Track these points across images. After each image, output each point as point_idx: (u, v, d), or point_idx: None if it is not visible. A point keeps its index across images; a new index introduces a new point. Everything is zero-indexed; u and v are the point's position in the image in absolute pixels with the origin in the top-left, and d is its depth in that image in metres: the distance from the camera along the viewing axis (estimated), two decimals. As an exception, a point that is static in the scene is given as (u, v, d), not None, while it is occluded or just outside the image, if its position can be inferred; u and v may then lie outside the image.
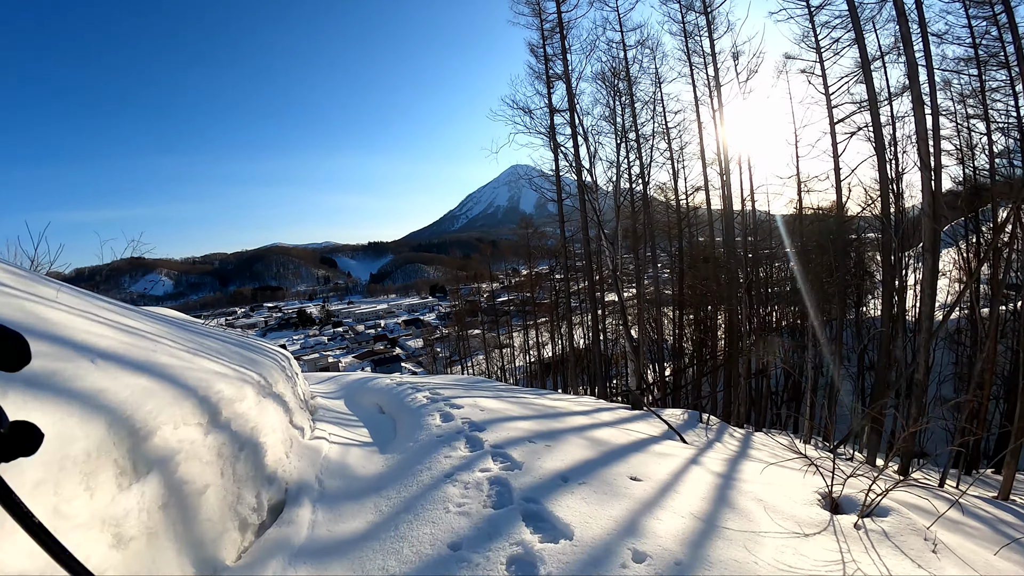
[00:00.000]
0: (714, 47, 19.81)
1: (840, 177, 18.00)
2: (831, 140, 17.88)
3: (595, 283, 20.51)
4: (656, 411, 7.98)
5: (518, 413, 5.60)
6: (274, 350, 6.60)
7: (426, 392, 6.73)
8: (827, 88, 17.84)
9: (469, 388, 7.55)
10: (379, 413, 7.05)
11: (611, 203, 19.07)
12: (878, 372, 16.69)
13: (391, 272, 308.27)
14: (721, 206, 21.16)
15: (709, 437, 7.87)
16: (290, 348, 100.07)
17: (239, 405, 3.36)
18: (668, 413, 9.26)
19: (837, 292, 22.36)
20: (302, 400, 5.98)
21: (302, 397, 6.23)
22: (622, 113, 21.77)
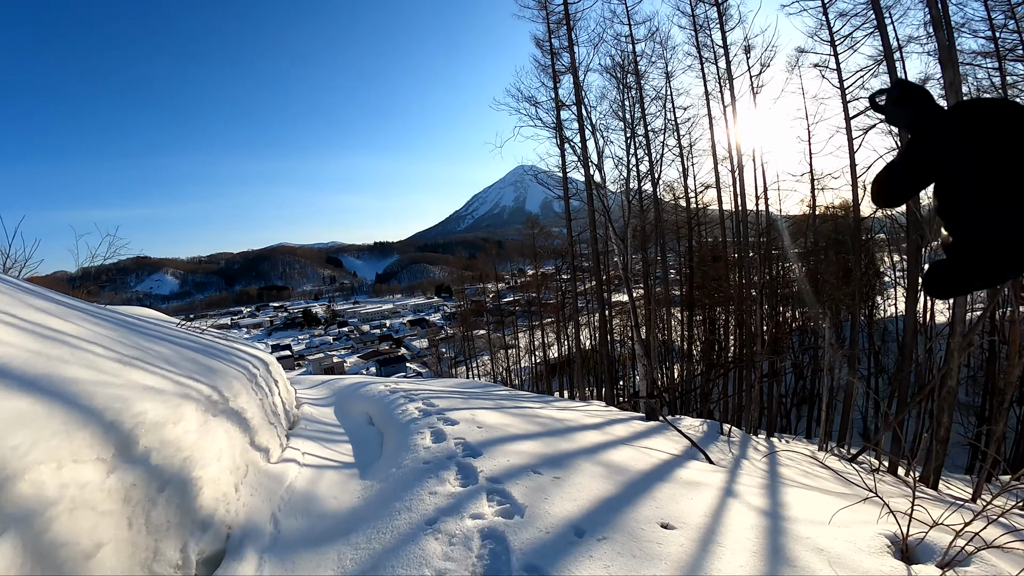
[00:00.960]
0: (726, 39, 19.05)
1: (856, 174, 17.25)
2: (847, 136, 17.15)
3: (603, 282, 19.77)
4: (673, 422, 7.25)
5: (521, 430, 4.88)
6: (249, 354, 5.91)
7: (419, 402, 6.02)
8: (842, 82, 17.12)
9: (468, 397, 6.84)
10: (368, 424, 6.36)
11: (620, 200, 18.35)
12: (900, 377, 15.92)
13: (397, 272, 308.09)
14: (732, 204, 20.44)
15: (734, 453, 7.16)
16: (295, 348, 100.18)
17: (170, 429, 2.65)
18: (686, 424, 8.54)
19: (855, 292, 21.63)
20: (277, 413, 5.30)
21: (278, 409, 5.55)
22: (631, 108, 21.05)
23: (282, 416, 5.70)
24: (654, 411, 8.36)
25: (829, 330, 18.46)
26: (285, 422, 5.86)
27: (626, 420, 7.52)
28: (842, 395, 18.90)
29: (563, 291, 32.78)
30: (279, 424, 5.13)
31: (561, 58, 19.41)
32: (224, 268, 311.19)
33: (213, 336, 6.87)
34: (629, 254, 12.98)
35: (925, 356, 16.98)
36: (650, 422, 7.88)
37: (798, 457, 9.31)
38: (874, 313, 26.29)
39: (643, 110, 21.29)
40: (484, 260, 51.64)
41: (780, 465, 7.41)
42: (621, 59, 20.64)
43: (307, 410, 7.04)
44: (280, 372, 6.66)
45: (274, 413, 5.09)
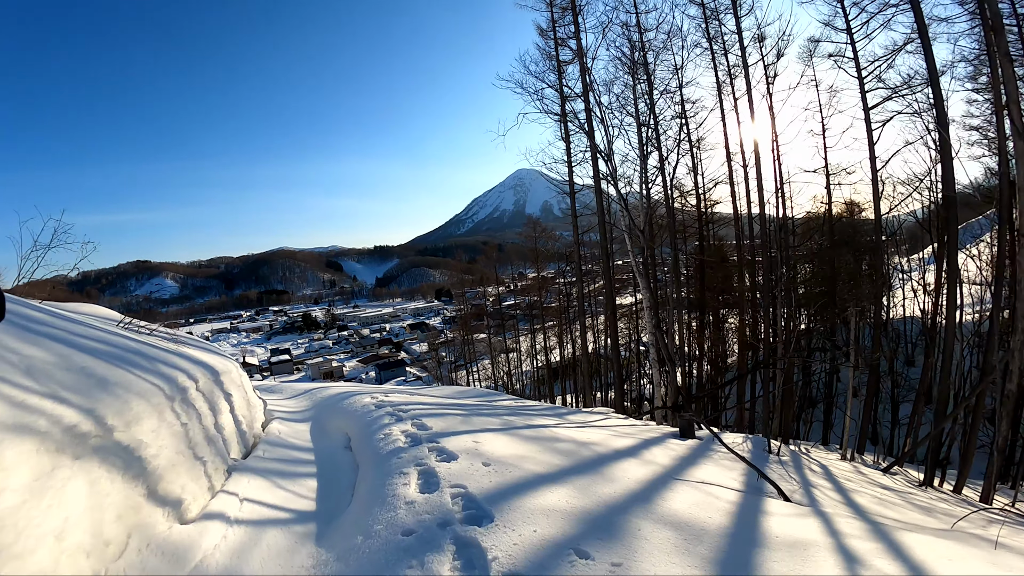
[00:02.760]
0: (740, 26, 17.77)
1: (876, 167, 16.00)
2: (865, 128, 15.93)
3: (612, 280, 18.53)
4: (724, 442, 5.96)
5: (542, 466, 3.61)
6: (192, 360, 4.64)
7: (407, 423, 4.74)
8: (860, 71, 15.93)
9: (469, 413, 5.53)
10: (345, 448, 5.10)
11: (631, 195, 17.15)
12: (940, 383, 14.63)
13: (397, 276, 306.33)
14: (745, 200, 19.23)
15: (795, 478, 5.95)
16: (295, 352, 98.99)
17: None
18: (728, 440, 7.27)
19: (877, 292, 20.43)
20: (218, 439, 4.04)
21: (225, 433, 4.30)
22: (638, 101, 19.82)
23: (231, 442, 4.44)
24: (691, 426, 7.09)
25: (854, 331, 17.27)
26: (237, 448, 4.60)
27: (660, 439, 6.24)
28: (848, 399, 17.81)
29: (568, 294, 31.76)
30: (218, 456, 3.87)
31: (564, 50, 18.23)
32: (224, 272, 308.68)
33: (161, 336, 5.61)
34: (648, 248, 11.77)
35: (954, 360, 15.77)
36: (687, 440, 6.62)
37: (849, 473, 8.09)
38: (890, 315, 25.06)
39: (652, 103, 20.05)
40: (484, 263, 50.76)
41: (852, 492, 6.23)
42: (629, 50, 19.41)
43: (275, 429, 5.77)
44: (238, 382, 5.40)
45: (209, 441, 3.82)
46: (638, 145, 18.75)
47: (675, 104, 20.57)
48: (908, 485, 9.96)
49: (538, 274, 36.83)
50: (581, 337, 20.38)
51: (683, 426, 7.08)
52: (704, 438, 7.19)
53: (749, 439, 7.78)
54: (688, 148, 21.31)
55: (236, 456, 4.51)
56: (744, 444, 7.40)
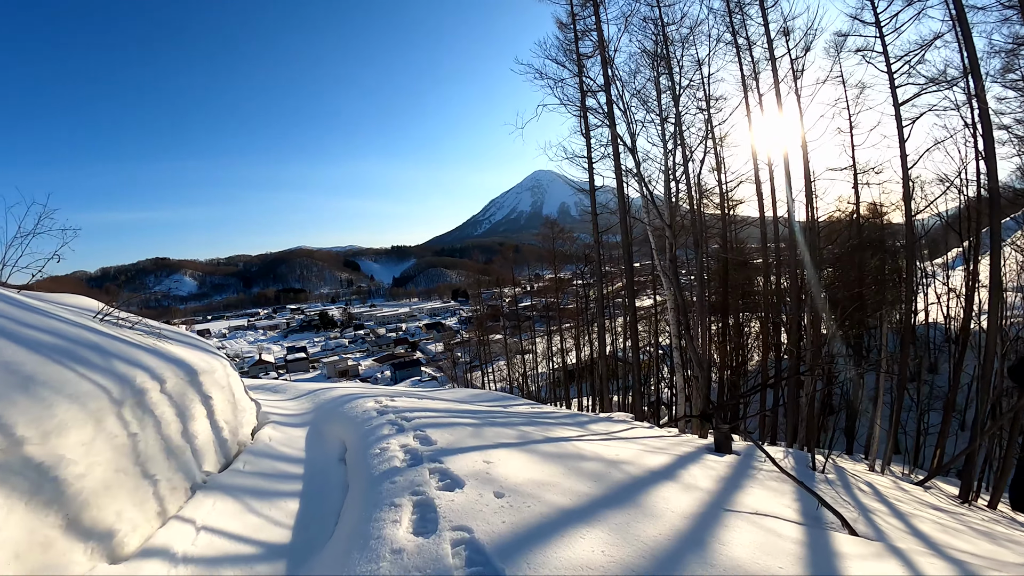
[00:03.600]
0: (767, 17, 16.91)
1: (907, 164, 15.16)
2: (896, 124, 15.10)
3: (633, 281, 17.82)
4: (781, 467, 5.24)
5: (568, 496, 2.96)
6: (166, 357, 4.04)
7: (409, 435, 4.10)
8: (889, 67, 15.09)
9: (480, 423, 4.84)
10: (339, 461, 4.49)
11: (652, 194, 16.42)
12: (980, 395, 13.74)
13: (414, 276, 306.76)
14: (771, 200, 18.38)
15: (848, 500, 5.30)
16: (311, 350, 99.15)
17: None
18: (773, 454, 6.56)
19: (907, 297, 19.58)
20: (183, 451, 3.44)
21: (196, 443, 3.71)
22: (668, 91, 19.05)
23: (204, 453, 3.84)
24: (727, 439, 6.38)
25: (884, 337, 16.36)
26: (214, 460, 4.00)
27: (696, 456, 5.55)
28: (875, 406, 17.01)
29: (586, 296, 31.16)
30: (179, 472, 3.26)
31: (586, 42, 17.55)
32: (242, 270, 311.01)
33: (143, 330, 5.04)
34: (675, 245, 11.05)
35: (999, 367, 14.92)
36: (725, 456, 5.93)
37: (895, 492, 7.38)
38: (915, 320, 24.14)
39: (676, 97, 19.27)
40: (501, 264, 50.30)
41: (911, 517, 5.55)
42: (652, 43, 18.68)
43: (265, 436, 5.17)
44: (223, 383, 4.80)
45: (170, 454, 3.22)
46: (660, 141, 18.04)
47: (698, 100, 19.81)
48: (950, 502, 9.29)
49: (555, 275, 36.28)
50: (599, 339, 19.68)
51: (719, 440, 6.38)
52: (741, 452, 6.49)
53: (790, 454, 7.07)
54: (712, 145, 20.54)
55: (211, 469, 3.91)
56: (786, 460, 6.68)
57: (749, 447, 7.08)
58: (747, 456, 6.31)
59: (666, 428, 9.58)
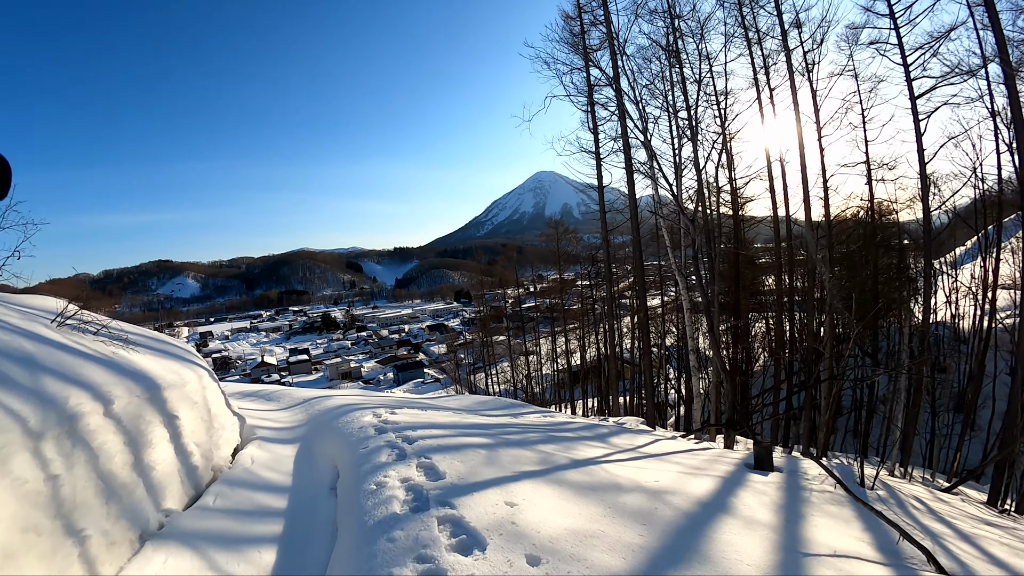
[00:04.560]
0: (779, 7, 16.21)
1: (924, 160, 14.53)
2: (912, 118, 14.44)
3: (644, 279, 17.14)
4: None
5: (618, 553, 2.30)
6: (126, 367, 3.39)
7: (413, 463, 3.41)
8: (905, 59, 14.45)
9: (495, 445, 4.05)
10: (330, 490, 3.82)
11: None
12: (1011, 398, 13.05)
13: (416, 277, 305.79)
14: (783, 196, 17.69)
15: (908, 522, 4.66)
16: (313, 352, 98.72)
17: None
18: (814, 472, 5.90)
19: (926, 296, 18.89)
20: (120, 489, 2.78)
21: (154, 476, 3.06)
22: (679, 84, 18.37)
23: (165, 487, 3.18)
24: (769, 455, 5.70)
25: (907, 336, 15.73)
26: (178, 493, 3.34)
27: (739, 476, 4.90)
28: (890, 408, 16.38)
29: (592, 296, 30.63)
30: (123, 518, 2.60)
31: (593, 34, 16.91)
32: (245, 272, 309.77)
33: (110, 335, 4.36)
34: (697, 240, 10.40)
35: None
36: (769, 475, 5.26)
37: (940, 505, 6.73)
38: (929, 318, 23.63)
39: (685, 91, 18.60)
40: (504, 265, 49.86)
41: (979, 540, 4.99)
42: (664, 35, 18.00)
43: (247, 457, 4.51)
44: (196, 397, 4.14)
45: (110, 496, 2.56)
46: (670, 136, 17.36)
47: (708, 95, 19.12)
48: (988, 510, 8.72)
49: (559, 276, 35.73)
50: (608, 339, 19.02)
51: (760, 455, 5.69)
52: (783, 468, 5.83)
53: (834, 468, 6.41)
54: (722, 141, 19.84)
55: (174, 505, 3.26)
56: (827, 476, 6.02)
57: (788, 460, 6.41)
58: (790, 473, 5.68)
59: (688, 438, 8.91)
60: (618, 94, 15.76)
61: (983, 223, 19.40)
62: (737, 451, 7.63)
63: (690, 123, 18.03)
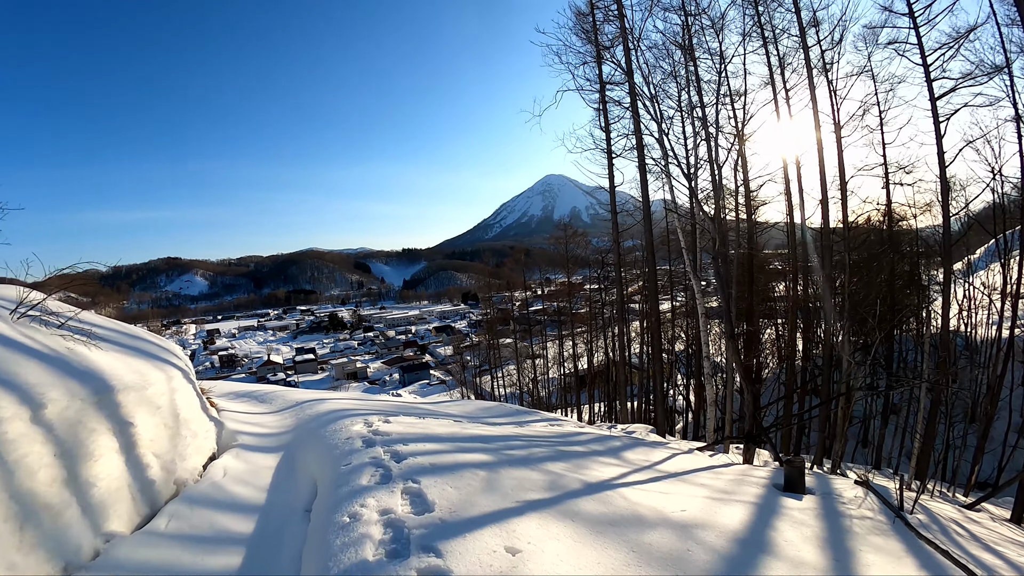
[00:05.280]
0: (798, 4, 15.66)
1: (944, 162, 14.00)
2: (932, 119, 13.92)
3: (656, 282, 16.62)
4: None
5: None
6: (75, 365, 2.92)
7: (399, 487, 2.89)
8: (924, 58, 13.95)
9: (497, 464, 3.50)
10: (304, 514, 3.32)
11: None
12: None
13: (424, 279, 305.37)
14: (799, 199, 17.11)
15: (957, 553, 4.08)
16: (320, 351, 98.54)
17: None
18: (837, 486, 5.36)
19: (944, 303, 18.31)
20: (38, 512, 2.30)
21: (96, 489, 2.58)
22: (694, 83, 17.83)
23: (106, 508, 2.71)
24: (801, 476, 5.16)
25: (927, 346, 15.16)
26: (126, 513, 2.87)
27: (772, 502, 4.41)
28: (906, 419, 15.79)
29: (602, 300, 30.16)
30: (43, 548, 2.12)
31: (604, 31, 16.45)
32: (253, 271, 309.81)
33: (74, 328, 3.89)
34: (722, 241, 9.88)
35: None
36: (802, 499, 4.74)
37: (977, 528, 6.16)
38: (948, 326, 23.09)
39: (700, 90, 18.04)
40: (512, 268, 49.50)
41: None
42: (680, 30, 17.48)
43: (220, 468, 4.03)
44: (160, 401, 3.67)
45: (25, 523, 2.10)
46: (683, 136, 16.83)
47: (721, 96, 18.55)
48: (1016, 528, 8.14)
49: (568, 279, 35.30)
50: (619, 343, 18.43)
51: (791, 476, 5.14)
52: (815, 490, 5.30)
53: (869, 490, 5.86)
54: (737, 142, 19.28)
55: (120, 527, 2.78)
56: (865, 498, 5.46)
57: (818, 481, 5.86)
58: (824, 495, 5.17)
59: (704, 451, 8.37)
60: (632, 90, 15.30)
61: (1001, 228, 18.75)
62: (760, 467, 7.08)
63: (704, 122, 17.50)
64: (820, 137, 15.65)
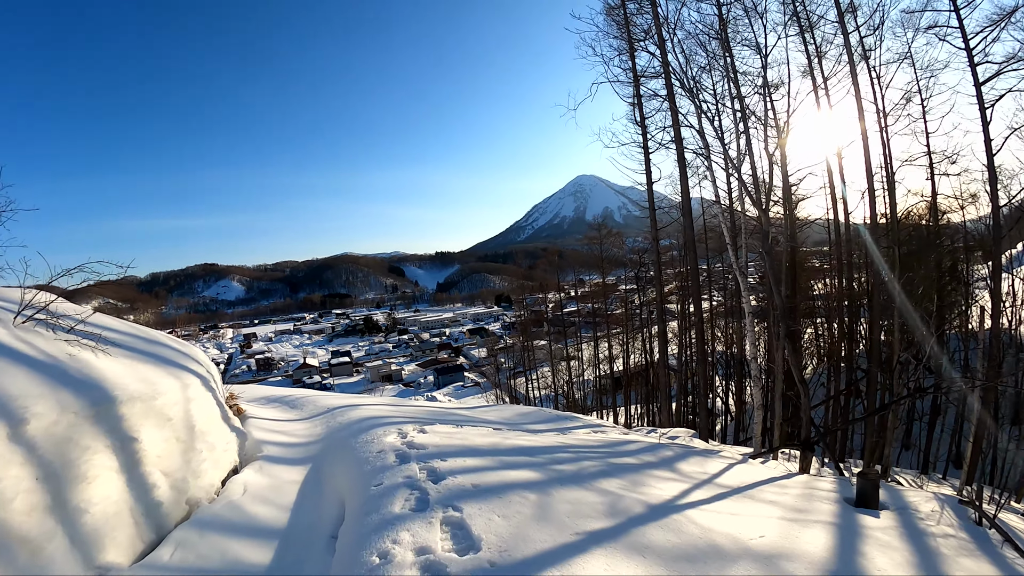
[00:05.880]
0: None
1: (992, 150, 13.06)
2: (977, 105, 13.00)
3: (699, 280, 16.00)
4: None
5: None
6: (73, 373, 2.57)
7: (438, 517, 2.47)
8: (967, 42, 13.04)
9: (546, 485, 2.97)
10: (330, 540, 2.93)
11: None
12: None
13: (457, 281, 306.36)
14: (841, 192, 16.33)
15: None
16: (355, 354, 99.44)
17: None
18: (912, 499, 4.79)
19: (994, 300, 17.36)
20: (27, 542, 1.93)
21: (90, 515, 2.21)
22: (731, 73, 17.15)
23: (94, 539, 2.34)
24: (876, 490, 4.60)
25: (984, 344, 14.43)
26: (128, 540, 2.51)
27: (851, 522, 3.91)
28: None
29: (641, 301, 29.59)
30: None
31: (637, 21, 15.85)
32: (289, 276, 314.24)
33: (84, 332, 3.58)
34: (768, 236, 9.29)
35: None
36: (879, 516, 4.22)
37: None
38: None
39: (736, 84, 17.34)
40: (544, 269, 49.10)
41: None
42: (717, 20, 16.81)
43: (240, 485, 3.67)
44: (172, 412, 3.32)
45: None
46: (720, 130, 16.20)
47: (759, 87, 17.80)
48: None
49: (603, 279, 34.71)
50: (659, 344, 17.81)
51: (865, 490, 4.59)
52: (889, 505, 4.74)
53: (946, 505, 5.26)
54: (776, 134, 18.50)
55: (116, 559, 2.42)
56: (943, 512, 4.86)
57: (890, 494, 5.27)
58: (900, 511, 4.62)
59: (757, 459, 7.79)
60: (668, 81, 14.71)
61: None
62: (822, 478, 6.50)
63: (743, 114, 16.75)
64: (864, 126, 14.85)
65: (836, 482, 5.87)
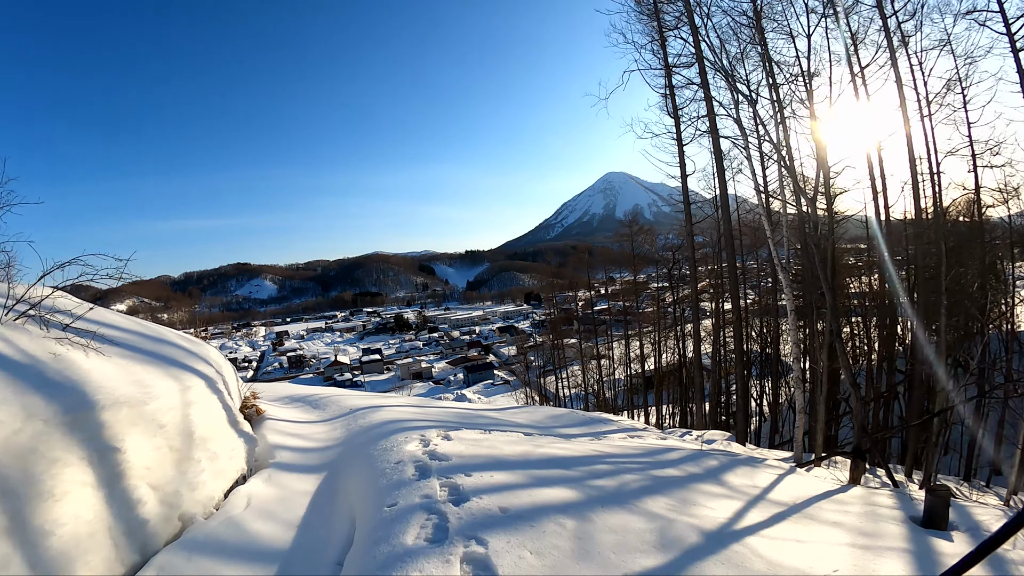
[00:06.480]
0: None
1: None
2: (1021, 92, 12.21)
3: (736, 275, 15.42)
4: None
5: None
6: (55, 377, 2.24)
7: (459, 548, 2.11)
8: (1008, 26, 12.27)
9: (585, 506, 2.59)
10: (334, 568, 2.56)
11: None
12: None
13: (487, 280, 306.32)
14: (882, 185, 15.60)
15: None
16: (386, 352, 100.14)
17: None
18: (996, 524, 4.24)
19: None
20: None
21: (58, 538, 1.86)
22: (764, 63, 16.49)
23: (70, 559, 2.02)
24: (946, 507, 4.09)
25: None
26: (102, 566, 2.19)
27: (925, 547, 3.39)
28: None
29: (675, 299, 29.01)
30: None
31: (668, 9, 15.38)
32: (320, 275, 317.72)
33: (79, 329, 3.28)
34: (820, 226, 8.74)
35: None
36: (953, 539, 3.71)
37: None
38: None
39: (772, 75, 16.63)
40: (574, 267, 48.70)
41: None
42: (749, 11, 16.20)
43: (243, 498, 3.34)
44: (160, 417, 3.00)
45: None
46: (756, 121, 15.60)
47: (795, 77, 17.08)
48: None
49: (633, 277, 34.17)
50: (694, 342, 17.25)
51: (935, 508, 4.08)
52: (958, 525, 4.23)
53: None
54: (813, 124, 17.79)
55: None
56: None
57: (958, 514, 4.74)
58: (970, 530, 4.12)
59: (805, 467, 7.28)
60: (701, 68, 14.24)
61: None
62: (880, 492, 5.97)
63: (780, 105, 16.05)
64: (906, 114, 14.12)
65: (895, 497, 5.36)
